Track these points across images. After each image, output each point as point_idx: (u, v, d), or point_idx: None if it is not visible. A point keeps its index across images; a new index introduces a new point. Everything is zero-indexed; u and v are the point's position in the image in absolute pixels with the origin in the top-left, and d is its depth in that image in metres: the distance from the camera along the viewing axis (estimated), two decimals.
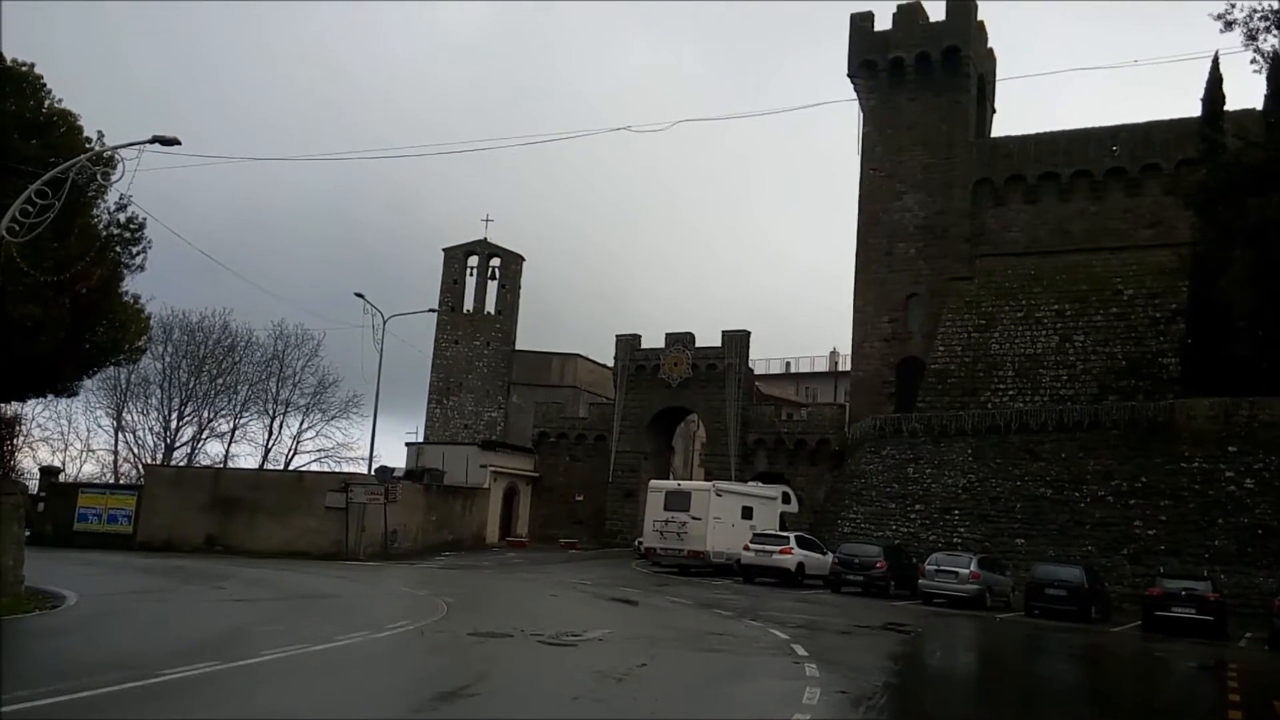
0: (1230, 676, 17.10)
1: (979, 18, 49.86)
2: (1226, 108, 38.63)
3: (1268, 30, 26.64)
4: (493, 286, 58.86)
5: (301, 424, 63.11)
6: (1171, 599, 24.68)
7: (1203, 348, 35.99)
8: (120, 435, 58.76)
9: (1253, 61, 30.19)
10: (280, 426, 62.49)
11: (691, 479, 51.46)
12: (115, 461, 58.56)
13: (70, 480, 47.59)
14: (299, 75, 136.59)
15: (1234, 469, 32.45)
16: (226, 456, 60.49)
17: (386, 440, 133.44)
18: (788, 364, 74.94)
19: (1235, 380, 33.43)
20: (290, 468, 59.22)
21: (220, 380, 60.24)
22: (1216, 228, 33.59)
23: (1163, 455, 33.88)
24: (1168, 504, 32.86)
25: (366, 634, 14.87)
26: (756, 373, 53.72)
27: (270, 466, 58.51)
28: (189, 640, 13.95)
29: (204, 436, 60.56)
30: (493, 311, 58.52)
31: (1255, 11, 26.74)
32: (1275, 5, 26.12)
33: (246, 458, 61.95)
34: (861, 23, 50.49)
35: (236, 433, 61.61)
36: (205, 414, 60.28)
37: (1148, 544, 32.50)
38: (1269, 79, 34.10)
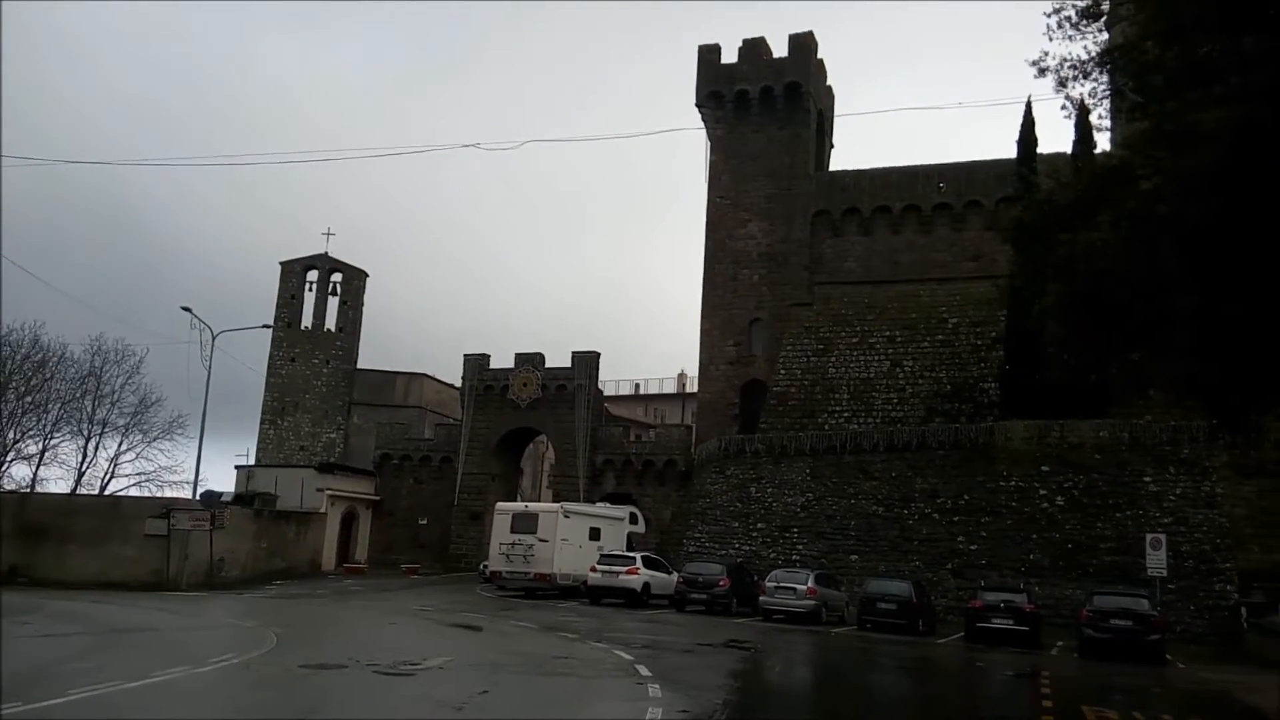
0: (1044, 684, 18.18)
1: (819, 56, 52.08)
2: (1041, 150, 41.56)
3: (1076, 79, 28.64)
4: (334, 303, 56.86)
5: (120, 446, 58.82)
6: (991, 611, 26.10)
7: (1019, 373, 38.42)
8: None
9: (1063, 107, 32.28)
10: (96, 449, 58.21)
11: (540, 500, 51.10)
12: None
13: None
14: (125, 75, 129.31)
15: (1047, 487, 34.75)
16: (34, 480, 55.80)
17: (214, 464, 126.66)
18: (637, 385, 75.67)
19: (1048, 404, 35.78)
20: (106, 492, 55.30)
21: (29, 399, 55.71)
22: (1031, 262, 35.62)
23: (983, 474, 35.95)
24: (988, 520, 34.86)
25: (188, 669, 13.97)
26: (606, 394, 53.93)
27: (84, 491, 54.49)
28: None
29: (8, 459, 55.76)
30: (333, 329, 56.54)
31: (1065, 60, 28.69)
32: (1083, 56, 28.22)
33: (57, 481, 57.29)
34: (709, 55, 51.86)
35: (46, 455, 56.96)
36: (11, 435, 55.51)
37: (970, 558, 34.36)
38: (1076, 124, 36.94)
